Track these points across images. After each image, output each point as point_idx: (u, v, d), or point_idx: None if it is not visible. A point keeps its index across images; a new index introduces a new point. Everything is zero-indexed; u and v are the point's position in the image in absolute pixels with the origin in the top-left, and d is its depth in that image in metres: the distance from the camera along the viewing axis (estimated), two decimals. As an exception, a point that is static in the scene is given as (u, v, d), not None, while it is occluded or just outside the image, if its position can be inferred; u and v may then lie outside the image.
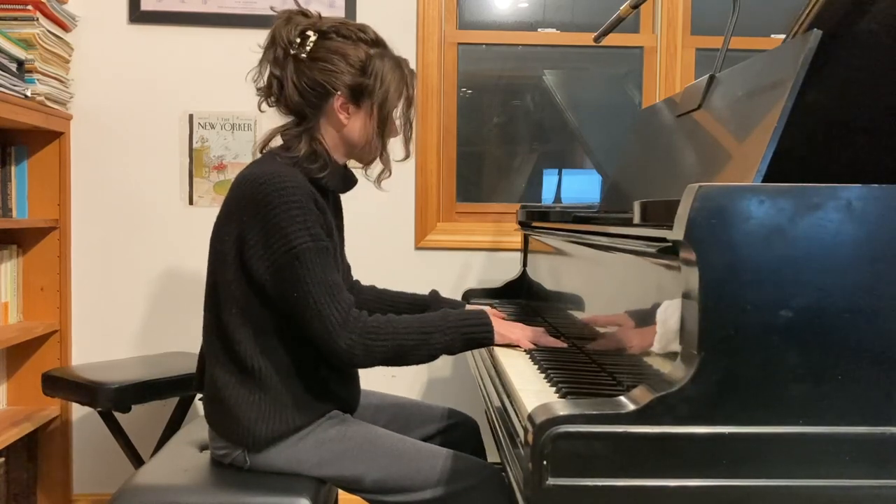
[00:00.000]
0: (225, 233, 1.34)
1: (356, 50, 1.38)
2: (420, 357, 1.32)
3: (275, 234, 1.27)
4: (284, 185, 1.28)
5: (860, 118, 1.19)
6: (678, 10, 2.46)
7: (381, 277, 1.79)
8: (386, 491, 1.34)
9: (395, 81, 1.40)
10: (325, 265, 1.28)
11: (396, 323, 1.31)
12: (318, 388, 1.39)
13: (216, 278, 1.37)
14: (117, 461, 2.28)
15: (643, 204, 0.99)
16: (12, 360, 2.29)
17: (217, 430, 1.38)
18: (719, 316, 0.84)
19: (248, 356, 1.33)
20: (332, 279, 1.29)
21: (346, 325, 1.27)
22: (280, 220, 1.27)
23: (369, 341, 1.28)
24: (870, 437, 0.84)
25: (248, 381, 1.34)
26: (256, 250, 1.29)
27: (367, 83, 1.38)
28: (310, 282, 1.27)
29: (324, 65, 1.36)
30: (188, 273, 2.39)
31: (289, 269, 1.27)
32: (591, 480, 0.83)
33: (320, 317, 1.27)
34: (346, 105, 1.39)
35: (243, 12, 2.34)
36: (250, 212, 1.29)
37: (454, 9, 2.49)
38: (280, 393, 1.34)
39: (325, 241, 1.30)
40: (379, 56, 1.40)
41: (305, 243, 1.27)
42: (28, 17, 2.08)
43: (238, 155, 2.37)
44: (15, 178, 2.23)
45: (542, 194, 2.63)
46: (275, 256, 1.28)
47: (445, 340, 1.32)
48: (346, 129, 1.41)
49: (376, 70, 1.38)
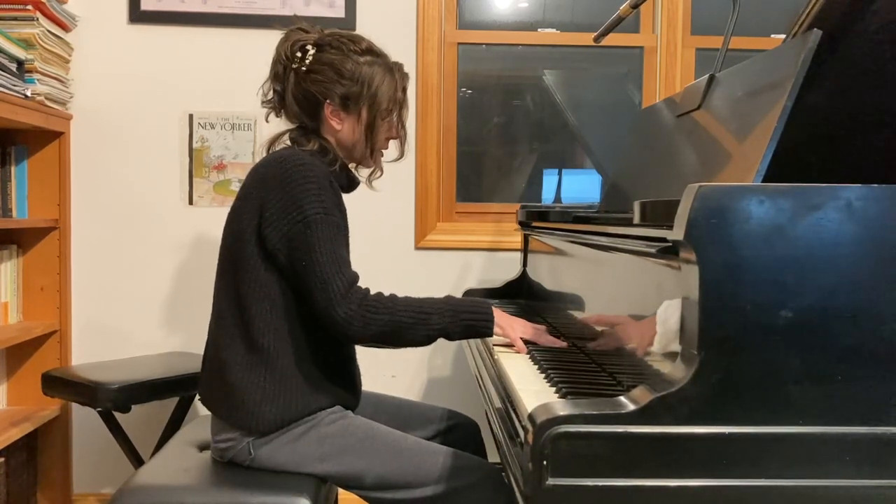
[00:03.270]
0: (244, 210, 1.39)
1: (344, 60, 1.46)
2: (416, 336, 1.35)
3: (291, 205, 1.34)
4: (303, 163, 1.37)
5: (860, 118, 1.19)
6: (678, 10, 2.46)
7: (381, 277, 1.79)
8: (386, 487, 1.35)
9: (385, 85, 1.48)
10: (334, 238, 1.34)
11: (397, 300, 1.35)
12: (322, 378, 1.41)
13: (233, 257, 1.40)
14: (117, 461, 2.29)
15: (643, 204, 0.99)
16: (12, 360, 2.29)
17: (221, 415, 1.39)
18: (719, 316, 0.84)
19: (260, 333, 1.36)
20: (340, 253, 1.35)
21: (347, 296, 1.31)
22: (297, 192, 1.34)
23: (368, 314, 1.31)
24: (870, 437, 0.84)
25: (256, 360, 1.36)
26: (272, 220, 1.35)
27: (354, 90, 1.46)
28: (318, 250, 1.32)
29: (315, 76, 1.46)
30: (188, 273, 2.40)
31: (301, 237, 1.33)
32: (591, 480, 0.83)
33: (324, 285, 1.31)
34: (336, 111, 1.48)
35: (243, 12, 2.34)
36: (270, 186, 1.36)
37: (454, 9, 2.49)
38: (286, 377, 1.37)
39: (338, 218, 1.37)
40: (368, 63, 1.48)
41: (319, 214, 1.34)
42: (28, 17, 2.08)
43: (238, 155, 2.37)
44: (15, 178, 2.23)
45: (542, 194, 2.63)
46: (289, 225, 1.33)
47: (444, 322, 1.35)
48: (340, 133, 1.50)
49: (363, 77, 1.46)
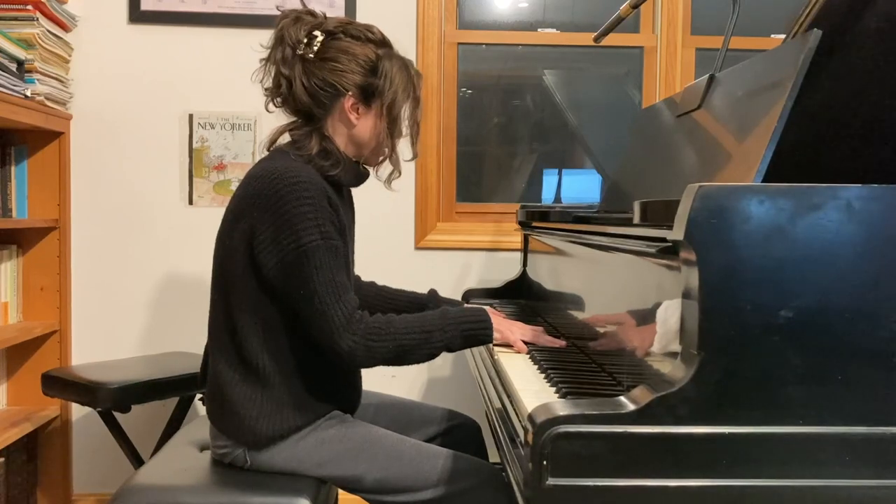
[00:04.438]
0: (235, 228, 1.33)
1: (365, 49, 1.38)
2: (421, 356, 1.33)
3: (285, 230, 1.27)
4: (297, 180, 1.28)
5: (860, 118, 1.19)
6: (678, 10, 2.46)
7: (381, 277, 1.79)
8: (386, 491, 1.34)
9: (404, 82, 1.40)
10: (333, 265, 1.28)
11: (397, 323, 1.31)
12: (319, 389, 1.39)
13: (225, 275, 1.36)
14: (117, 461, 2.29)
15: (643, 204, 0.99)
16: (12, 360, 2.29)
17: (219, 428, 1.38)
18: (719, 316, 0.84)
19: (252, 353, 1.34)
20: (339, 279, 1.29)
21: (349, 327, 1.27)
22: (291, 215, 1.26)
23: (371, 342, 1.28)
24: (870, 437, 0.84)
25: (251, 378, 1.34)
26: (266, 245, 1.29)
27: (377, 83, 1.37)
28: (317, 281, 1.26)
29: (334, 65, 1.36)
30: (188, 273, 2.39)
31: (296, 266, 1.27)
32: (591, 480, 0.83)
33: (324, 317, 1.27)
34: (356, 105, 1.39)
35: (243, 12, 2.34)
36: (262, 206, 1.29)
37: (454, 9, 2.49)
38: (282, 392, 1.35)
39: (336, 241, 1.30)
40: (387, 56, 1.39)
41: (315, 241, 1.27)
42: (28, 17, 2.08)
43: (238, 155, 2.36)
44: (15, 178, 2.23)
45: (542, 194, 2.63)
46: (283, 252, 1.27)
47: (446, 338, 1.33)
48: (356, 129, 1.41)
49: (385, 70, 1.38)
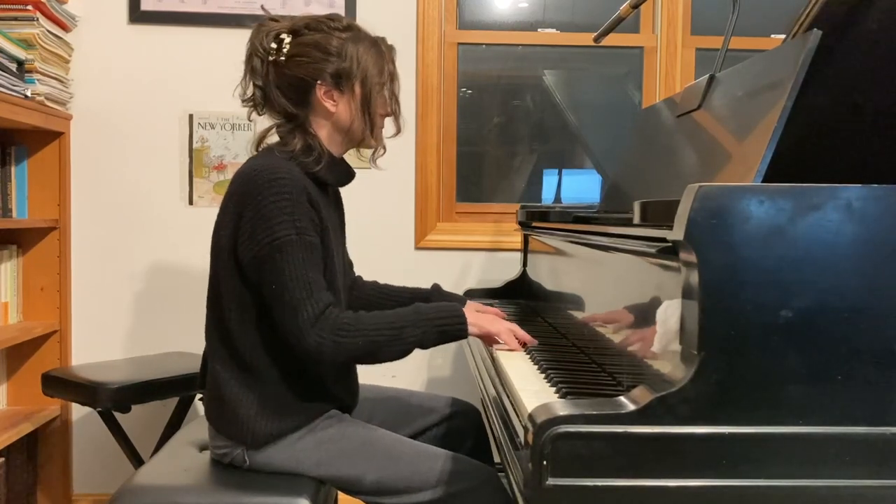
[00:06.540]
0: (222, 227, 1.35)
1: (328, 38, 1.39)
2: (393, 352, 1.32)
3: (261, 224, 1.28)
4: (276, 176, 1.30)
5: (860, 118, 1.19)
6: (678, 10, 2.46)
7: (381, 277, 1.79)
8: (384, 492, 1.34)
9: (374, 58, 1.42)
10: (306, 260, 1.29)
11: (368, 320, 1.30)
12: (316, 387, 1.39)
13: (216, 275, 1.38)
14: (117, 461, 2.28)
15: (643, 204, 0.99)
16: (12, 360, 2.29)
17: (217, 428, 1.39)
18: (719, 316, 0.84)
19: (247, 353, 1.35)
20: (312, 276, 1.29)
21: (317, 323, 1.26)
22: (268, 210, 1.28)
23: (339, 338, 1.27)
24: (870, 437, 0.84)
25: (247, 378, 1.35)
26: (244, 241, 1.30)
27: (345, 66, 1.39)
28: (288, 275, 1.27)
29: (300, 59, 1.38)
30: (188, 273, 2.39)
31: (269, 261, 1.28)
32: (591, 480, 0.83)
33: (293, 312, 1.26)
34: (329, 92, 1.40)
35: (243, 12, 2.34)
36: (243, 203, 1.31)
37: (454, 9, 2.49)
38: (279, 391, 1.35)
39: (312, 237, 1.31)
40: (352, 39, 1.41)
41: (289, 236, 1.28)
42: (28, 17, 2.08)
43: (238, 155, 2.37)
44: (15, 178, 2.23)
45: (542, 194, 2.63)
46: (259, 247, 1.28)
47: (418, 334, 1.32)
48: (336, 116, 1.42)
49: (350, 52, 1.39)
